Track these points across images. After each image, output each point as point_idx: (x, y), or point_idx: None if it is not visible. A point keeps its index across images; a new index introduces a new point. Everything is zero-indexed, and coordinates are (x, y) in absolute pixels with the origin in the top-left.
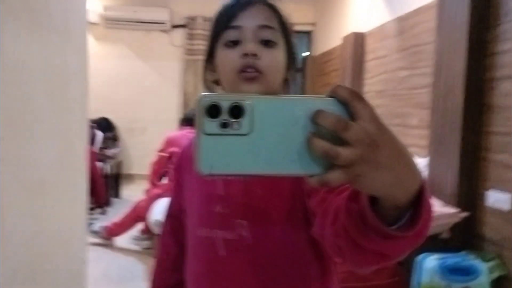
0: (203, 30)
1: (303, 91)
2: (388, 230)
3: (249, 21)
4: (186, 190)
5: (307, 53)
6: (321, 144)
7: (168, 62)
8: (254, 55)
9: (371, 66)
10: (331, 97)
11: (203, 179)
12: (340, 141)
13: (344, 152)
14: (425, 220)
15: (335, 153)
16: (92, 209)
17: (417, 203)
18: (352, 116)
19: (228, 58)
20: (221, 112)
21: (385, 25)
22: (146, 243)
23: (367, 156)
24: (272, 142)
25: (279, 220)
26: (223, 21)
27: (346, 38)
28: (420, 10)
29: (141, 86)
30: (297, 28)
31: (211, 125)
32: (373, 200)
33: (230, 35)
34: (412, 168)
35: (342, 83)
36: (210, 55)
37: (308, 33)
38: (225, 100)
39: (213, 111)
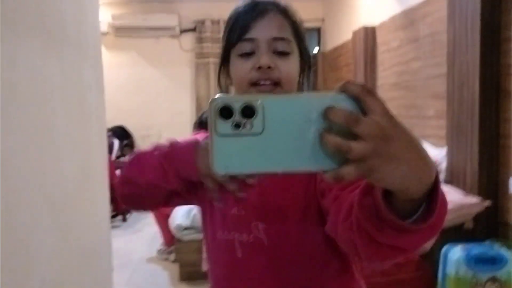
0: (212, 33)
1: (314, 87)
2: (403, 223)
3: (263, 33)
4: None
5: (317, 49)
6: (334, 139)
7: (179, 67)
8: (269, 67)
9: (384, 58)
10: (341, 93)
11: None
12: (353, 136)
13: (357, 146)
14: (439, 212)
15: (347, 147)
16: (113, 216)
17: (432, 196)
18: (363, 111)
19: (242, 70)
20: (234, 113)
21: (395, 17)
22: (172, 256)
23: (379, 150)
24: (284, 139)
25: (294, 220)
26: (237, 32)
27: (356, 32)
28: (430, 0)
29: (154, 92)
30: (306, 24)
31: (224, 126)
32: (387, 194)
33: (245, 47)
34: (425, 160)
35: (354, 77)
36: (225, 60)
37: (317, 29)
38: (237, 101)
39: (225, 112)
